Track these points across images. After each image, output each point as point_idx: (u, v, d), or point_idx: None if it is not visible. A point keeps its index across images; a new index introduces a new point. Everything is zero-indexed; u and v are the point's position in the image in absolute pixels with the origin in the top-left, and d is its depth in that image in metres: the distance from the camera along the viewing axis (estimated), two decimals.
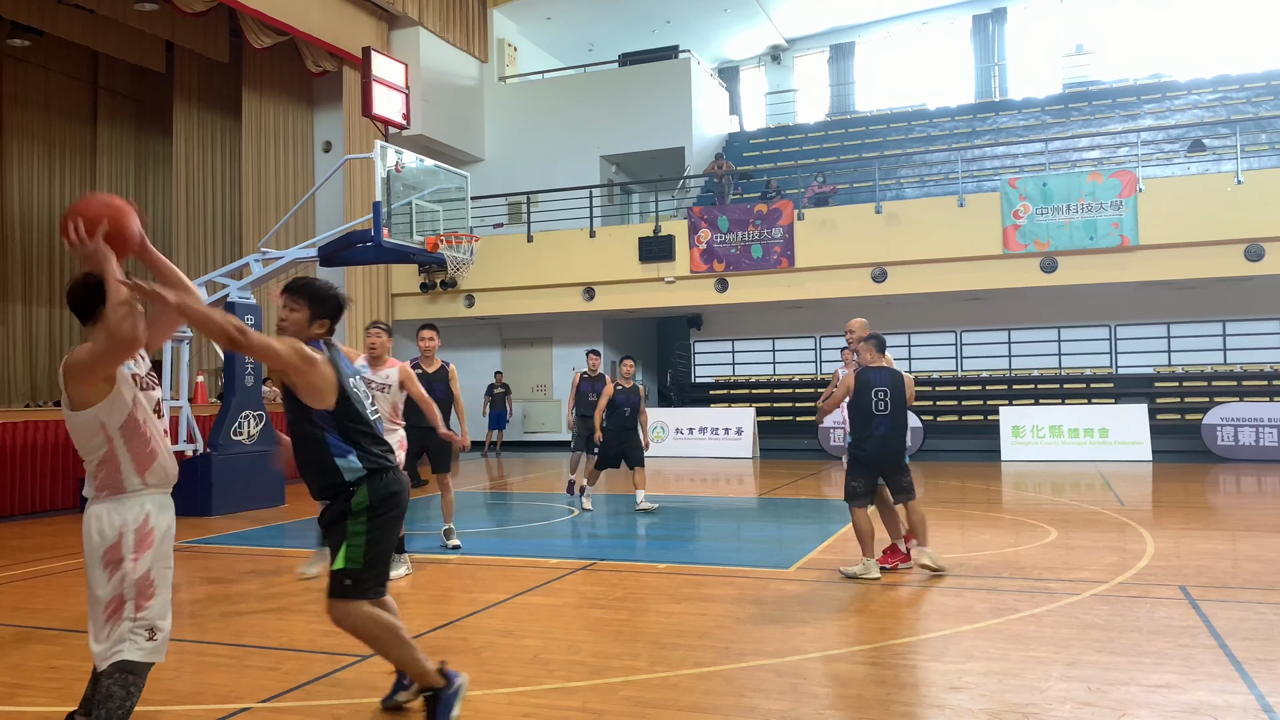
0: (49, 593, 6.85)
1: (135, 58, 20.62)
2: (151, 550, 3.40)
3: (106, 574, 3.34)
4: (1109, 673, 4.53)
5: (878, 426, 6.97)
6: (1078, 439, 16.45)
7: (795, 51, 27.84)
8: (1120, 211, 15.52)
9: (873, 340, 7.13)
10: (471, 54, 22.13)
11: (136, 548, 3.36)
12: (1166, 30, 24.13)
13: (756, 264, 17.53)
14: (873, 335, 7.18)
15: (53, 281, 22.69)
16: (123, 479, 3.39)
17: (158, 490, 3.50)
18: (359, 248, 11.35)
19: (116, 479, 3.39)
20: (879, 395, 6.94)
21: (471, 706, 4.22)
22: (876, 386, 6.95)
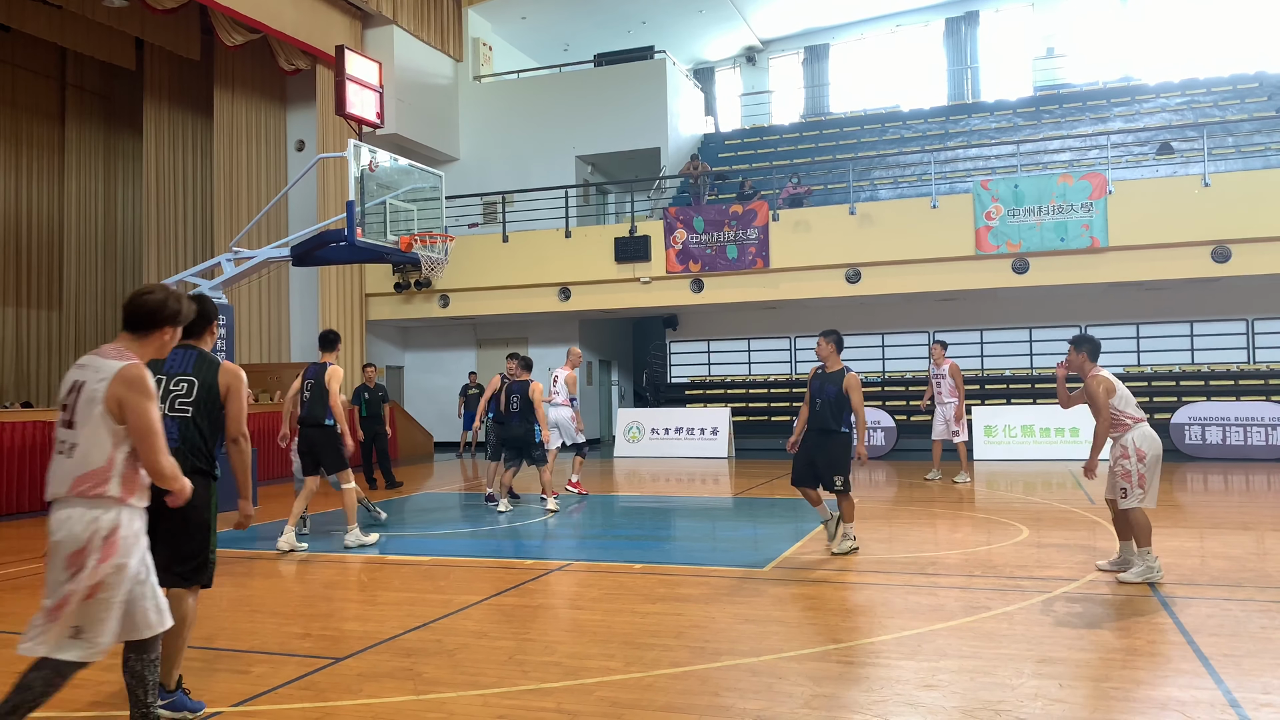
0: (15, 596, 6.76)
1: (104, 54, 20.37)
2: (113, 558, 3.46)
3: (70, 573, 3.43)
4: (1080, 669, 4.58)
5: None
6: (1049, 438, 16.61)
7: (770, 53, 27.95)
8: (1090, 213, 15.69)
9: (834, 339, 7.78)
10: (446, 53, 22.03)
11: (103, 551, 3.44)
12: (1135, 34, 24.43)
13: (732, 264, 17.58)
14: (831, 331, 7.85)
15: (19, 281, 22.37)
16: (105, 490, 3.49)
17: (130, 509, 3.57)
18: (332, 247, 11.27)
19: (100, 488, 3.49)
20: None
21: (446, 709, 4.20)
22: None
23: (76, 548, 3.42)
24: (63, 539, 3.45)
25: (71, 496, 3.47)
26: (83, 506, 3.46)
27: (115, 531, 3.46)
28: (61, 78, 23.22)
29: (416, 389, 22.26)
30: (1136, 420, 6.69)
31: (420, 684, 4.54)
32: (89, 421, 3.48)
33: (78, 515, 3.45)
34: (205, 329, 4.52)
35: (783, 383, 20.44)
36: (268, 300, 21.06)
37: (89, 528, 3.43)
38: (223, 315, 11.66)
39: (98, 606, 3.43)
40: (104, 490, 3.46)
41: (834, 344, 7.75)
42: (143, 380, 3.50)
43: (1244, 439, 15.92)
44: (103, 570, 3.42)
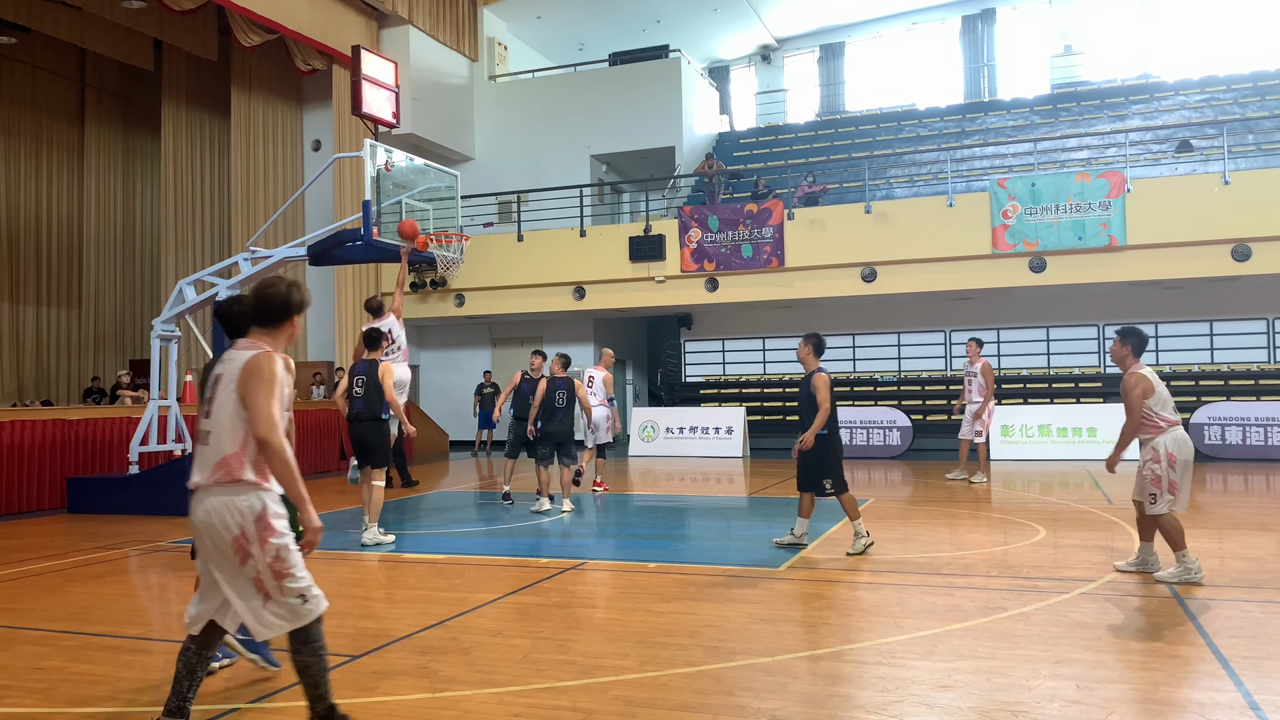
0: (36, 593, 6.81)
1: (123, 55, 20.53)
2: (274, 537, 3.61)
3: (238, 560, 3.59)
4: (1097, 671, 4.55)
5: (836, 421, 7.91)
6: (1066, 438, 16.51)
7: (785, 51, 27.87)
8: (1108, 212, 15.58)
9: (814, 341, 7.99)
10: (462, 53, 22.09)
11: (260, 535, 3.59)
12: (1154, 31, 24.24)
13: (747, 263, 17.55)
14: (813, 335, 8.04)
15: (39, 280, 22.58)
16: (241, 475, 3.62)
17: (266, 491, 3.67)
18: (348, 246, 11.31)
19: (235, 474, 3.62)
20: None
21: (462, 707, 4.21)
22: None
23: (234, 534, 3.56)
24: (214, 528, 3.57)
25: (211, 484, 3.60)
26: (223, 494, 3.59)
27: (265, 511, 3.60)
28: (81, 79, 23.42)
29: (432, 388, 22.33)
30: (1170, 424, 6.58)
31: (436, 682, 4.56)
32: (224, 410, 3.63)
33: (222, 503, 3.57)
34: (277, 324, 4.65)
35: (797, 382, 20.33)
36: None
37: (237, 513, 3.56)
38: None
39: (288, 579, 3.60)
40: (240, 475, 3.59)
41: (811, 346, 7.97)
42: (269, 369, 3.61)
43: (1264, 439, 15.78)
44: (272, 547, 3.58)
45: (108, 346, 23.83)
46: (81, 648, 5.31)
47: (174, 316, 12.11)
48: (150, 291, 24.32)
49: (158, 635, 5.67)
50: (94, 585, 7.09)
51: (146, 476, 11.40)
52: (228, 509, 3.56)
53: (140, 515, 10.99)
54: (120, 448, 12.50)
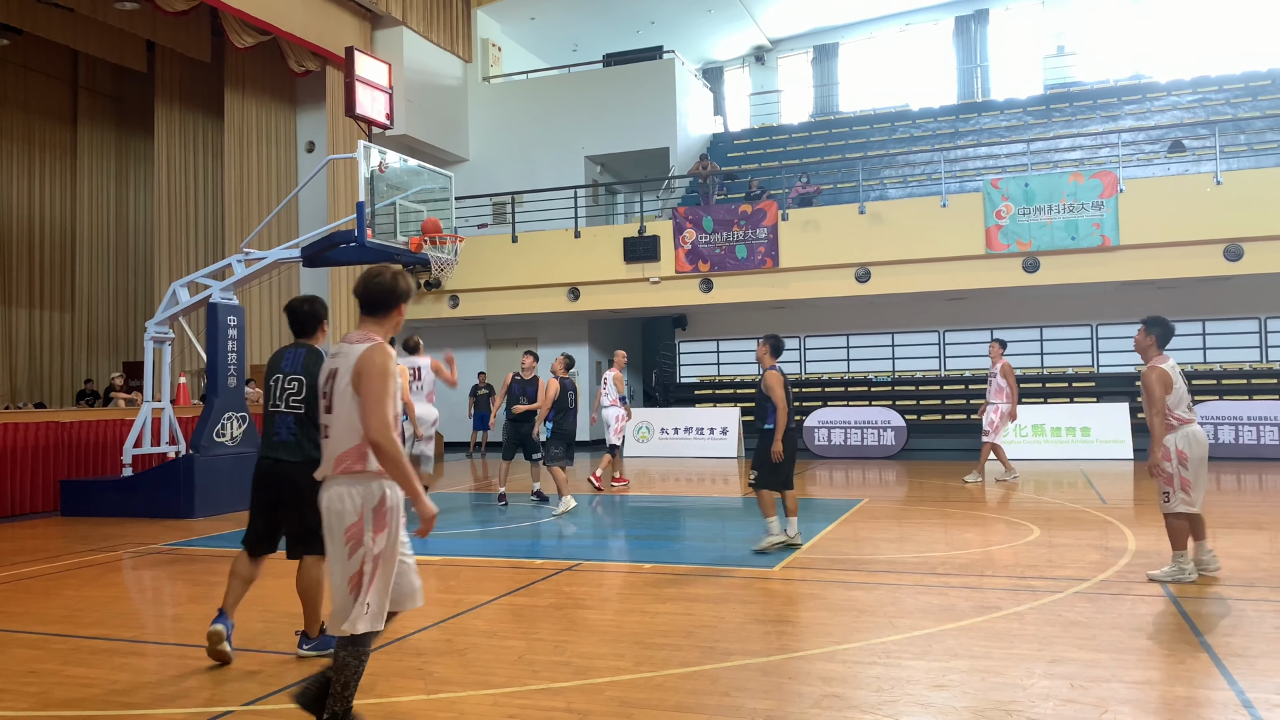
0: (29, 596, 6.79)
1: (116, 57, 20.46)
2: (386, 531, 3.65)
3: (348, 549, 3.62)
4: (1091, 670, 4.56)
5: (791, 419, 8.02)
6: (1060, 438, 16.55)
7: (779, 52, 27.91)
8: (1101, 212, 15.63)
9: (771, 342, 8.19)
10: (455, 54, 22.07)
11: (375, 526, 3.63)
12: (1147, 31, 24.32)
13: (741, 264, 17.56)
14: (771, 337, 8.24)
15: (32, 283, 22.49)
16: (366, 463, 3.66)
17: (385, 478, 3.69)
18: (342, 248, 11.30)
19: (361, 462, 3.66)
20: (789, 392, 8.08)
21: (457, 708, 4.21)
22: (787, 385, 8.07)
23: (350, 522, 3.61)
24: (335, 516, 3.64)
25: (336, 475, 3.67)
26: (345, 484, 3.64)
27: (382, 503, 3.63)
28: (74, 80, 23.34)
29: None
30: (1183, 421, 6.49)
31: (431, 683, 4.56)
32: (343, 403, 3.67)
33: (344, 492, 3.63)
34: (317, 328, 5.10)
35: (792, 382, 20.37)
36: (279, 301, 21.11)
37: (356, 503, 3.61)
38: (234, 316, 11.71)
39: (384, 578, 3.64)
40: (363, 465, 3.63)
41: (769, 347, 8.21)
42: (380, 361, 3.64)
43: (1257, 438, 15.83)
44: (379, 542, 3.61)
45: (101, 348, 23.76)
46: (75, 650, 5.29)
47: (167, 318, 12.09)
48: (143, 293, 24.24)
49: (151, 638, 5.65)
50: (87, 588, 7.07)
51: (140, 479, 11.38)
52: (348, 495, 3.63)
53: (134, 518, 10.96)
54: (114, 450, 12.47)
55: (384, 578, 3.65)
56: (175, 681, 4.69)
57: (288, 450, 4.95)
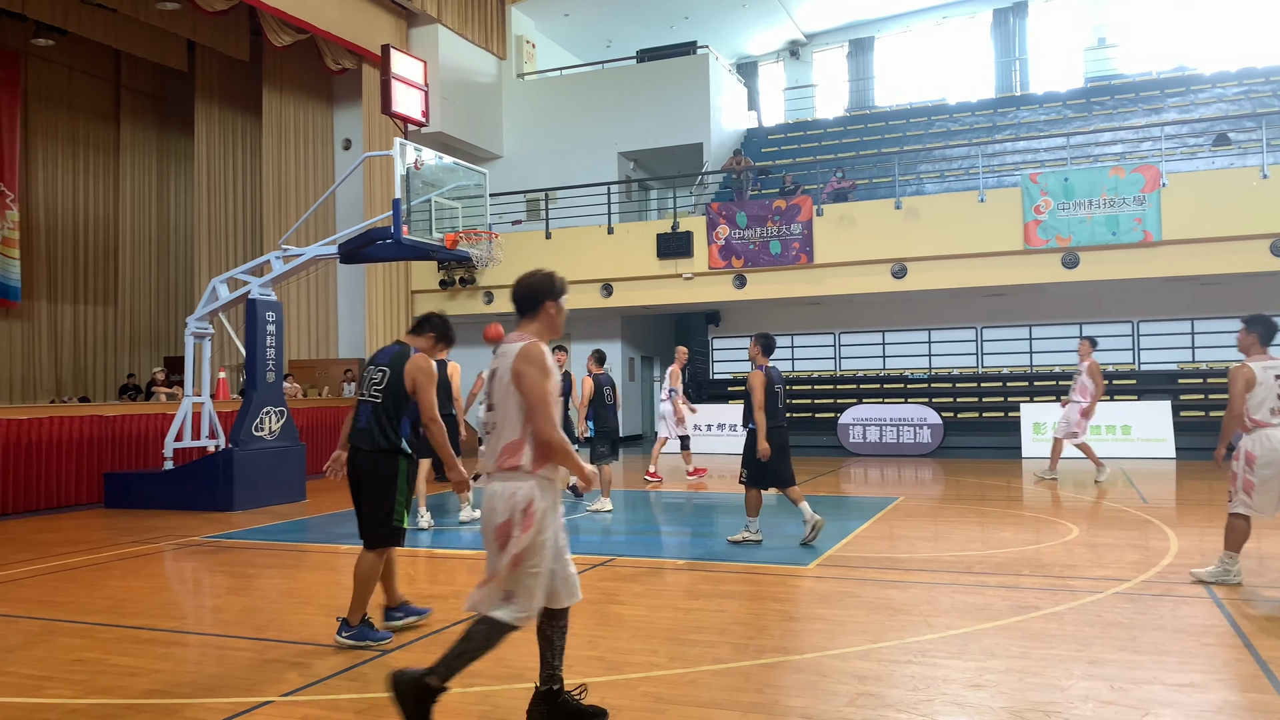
0: (74, 586, 6.93)
1: (157, 56, 20.81)
2: (532, 529, 3.70)
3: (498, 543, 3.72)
4: (1131, 671, 4.49)
5: (780, 417, 8.09)
6: (1100, 436, 16.29)
7: (814, 47, 27.73)
8: (1143, 206, 15.37)
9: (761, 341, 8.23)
10: (490, 51, 22.16)
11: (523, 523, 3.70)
12: (1190, 22, 23.86)
13: (775, 260, 17.48)
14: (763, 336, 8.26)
15: (76, 279, 22.94)
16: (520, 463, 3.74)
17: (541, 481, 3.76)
18: (379, 245, 11.39)
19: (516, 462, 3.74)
20: (781, 391, 8.15)
21: (490, 702, 4.24)
22: (778, 383, 8.13)
23: (501, 521, 3.70)
24: (488, 514, 3.75)
25: (496, 471, 3.77)
26: (501, 481, 3.75)
27: (531, 504, 3.70)
28: (116, 80, 23.75)
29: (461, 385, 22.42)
30: (1259, 424, 6.32)
31: (465, 676, 4.57)
32: (504, 400, 3.78)
33: (499, 490, 3.73)
34: (423, 332, 5.42)
35: (826, 379, 20.30)
36: (316, 297, 21.36)
37: (508, 502, 3.70)
38: (272, 311, 11.85)
39: (524, 576, 3.68)
40: (518, 462, 3.72)
41: (760, 346, 8.23)
42: (539, 356, 3.74)
43: None
44: (524, 541, 3.67)
45: (143, 343, 24.18)
46: (118, 640, 5.39)
47: (207, 314, 12.26)
48: (184, 289, 24.64)
49: (192, 628, 5.75)
50: (130, 579, 7.20)
51: (181, 472, 11.56)
52: (502, 494, 3.72)
53: (175, 510, 11.14)
54: (155, 443, 12.68)
55: (530, 576, 3.69)
56: (215, 671, 4.76)
57: (362, 438, 5.21)
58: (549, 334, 3.95)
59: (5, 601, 6.46)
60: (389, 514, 5.17)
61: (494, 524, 3.72)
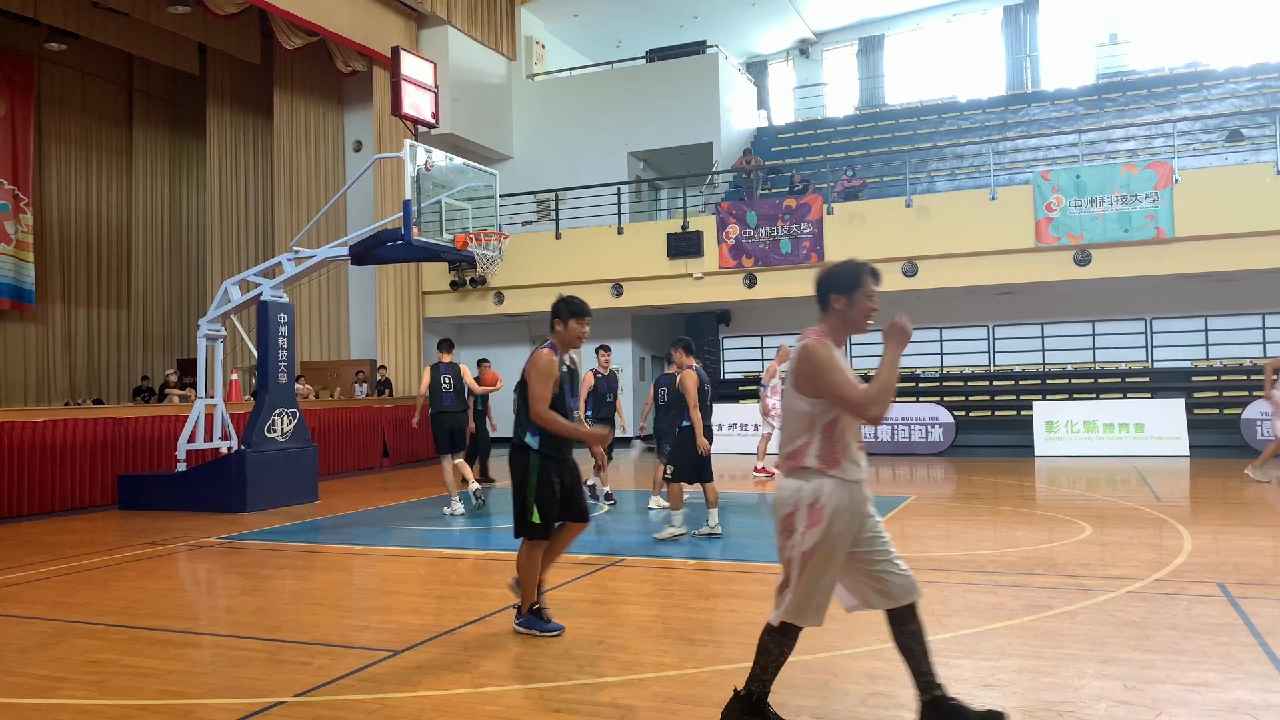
0: (88, 588, 6.97)
1: (169, 60, 20.92)
2: (818, 528, 3.56)
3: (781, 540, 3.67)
4: (1145, 671, 4.47)
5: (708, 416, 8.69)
6: (1113, 434, 16.23)
7: (824, 45, 27.68)
8: (1156, 203, 15.28)
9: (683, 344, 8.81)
10: (500, 52, 22.20)
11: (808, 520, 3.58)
12: (1203, 18, 23.72)
13: (785, 259, 17.45)
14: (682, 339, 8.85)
15: (90, 282, 23.07)
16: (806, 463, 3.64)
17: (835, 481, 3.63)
18: (389, 246, 11.42)
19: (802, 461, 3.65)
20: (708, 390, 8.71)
21: (502, 702, 4.24)
22: (706, 383, 8.66)
23: (784, 513, 3.64)
24: (777, 505, 3.69)
25: (787, 472, 3.70)
26: (788, 478, 3.68)
27: (817, 501, 3.58)
28: (129, 84, 23.89)
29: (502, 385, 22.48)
30: None
31: (477, 677, 4.60)
32: (788, 400, 3.71)
33: (786, 485, 3.67)
34: (554, 327, 5.45)
35: None
36: (327, 299, 21.44)
37: (794, 497, 3.62)
38: (284, 314, 11.89)
39: (812, 573, 3.58)
40: (803, 462, 3.63)
41: (682, 349, 8.85)
42: (815, 353, 3.58)
43: None
44: (810, 538, 3.56)
45: (156, 345, 24.32)
46: (132, 641, 5.42)
47: (219, 316, 12.32)
48: (197, 291, 24.76)
49: (205, 629, 5.78)
50: (144, 580, 7.24)
51: (194, 474, 11.62)
52: (788, 487, 3.66)
53: (188, 511, 11.20)
54: (169, 445, 12.75)
55: (813, 574, 3.58)
56: (228, 672, 4.78)
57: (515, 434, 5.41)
58: (844, 331, 3.71)
59: (20, 603, 6.51)
60: (522, 508, 5.30)
61: (780, 516, 3.67)
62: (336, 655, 5.03)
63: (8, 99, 20.44)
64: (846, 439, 3.66)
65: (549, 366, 5.29)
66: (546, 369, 5.27)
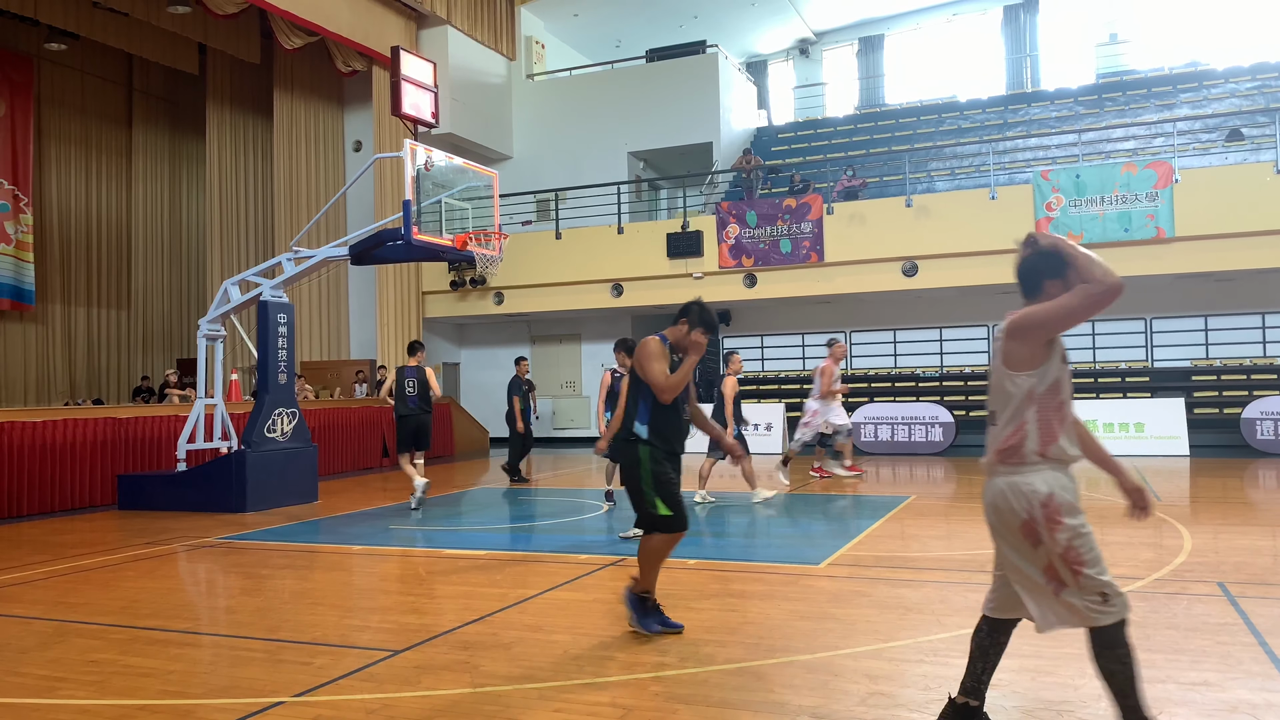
0: (88, 588, 6.97)
1: (169, 60, 20.92)
2: (1062, 524, 3.27)
3: (1028, 544, 3.31)
4: (1145, 670, 4.46)
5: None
6: (1113, 434, 16.23)
7: (824, 45, 27.68)
8: (1156, 203, 15.29)
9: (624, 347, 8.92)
10: (499, 52, 22.20)
11: (1047, 523, 3.27)
12: (1203, 17, 23.72)
13: (785, 259, 17.46)
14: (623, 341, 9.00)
15: (90, 282, 23.07)
16: (1024, 452, 3.33)
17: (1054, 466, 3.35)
18: (389, 246, 11.42)
19: (1019, 452, 3.33)
20: None
21: (502, 701, 4.24)
22: None
23: (1022, 519, 3.31)
24: (999, 510, 3.36)
25: (996, 465, 3.39)
26: (1007, 475, 3.35)
27: (1051, 496, 3.28)
28: (128, 84, 23.89)
29: (472, 385, 22.50)
30: None
31: (477, 677, 4.59)
32: (995, 386, 3.41)
33: (1007, 484, 3.33)
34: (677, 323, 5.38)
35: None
36: (327, 299, 21.44)
37: (1023, 497, 3.29)
38: (284, 313, 11.89)
39: (1085, 574, 3.26)
40: (1021, 454, 3.32)
41: (624, 352, 8.99)
42: (1021, 325, 3.33)
43: None
44: (1063, 534, 3.25)
45: (156, 345, 24.32)
46: (132, 641, 5.42)
47: (219, 316, 12.32)
48: (197, 291, 24.77)
49: (205, 629, 5.77)
50: (144, 580, 7.24)
51: (194, 474, 11.62)
52: (1012, 491, 3.31)
53: (188, 511, 11.20)
54: (168, 445, 12.75)
55: (1089, 558, 3.25)
56: (228, 672, 4.78)
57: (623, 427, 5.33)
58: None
59: (20, 603, 6.51)
60: (642, 502, 5.18)
61: (1014, 523, 3.31)
62: (336, 655, 5.03)
63: (8, 99, 20.44)
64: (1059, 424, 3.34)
65: (658, 347, 5.20)
66: (657, 349, 5.19)
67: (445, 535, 9.23)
